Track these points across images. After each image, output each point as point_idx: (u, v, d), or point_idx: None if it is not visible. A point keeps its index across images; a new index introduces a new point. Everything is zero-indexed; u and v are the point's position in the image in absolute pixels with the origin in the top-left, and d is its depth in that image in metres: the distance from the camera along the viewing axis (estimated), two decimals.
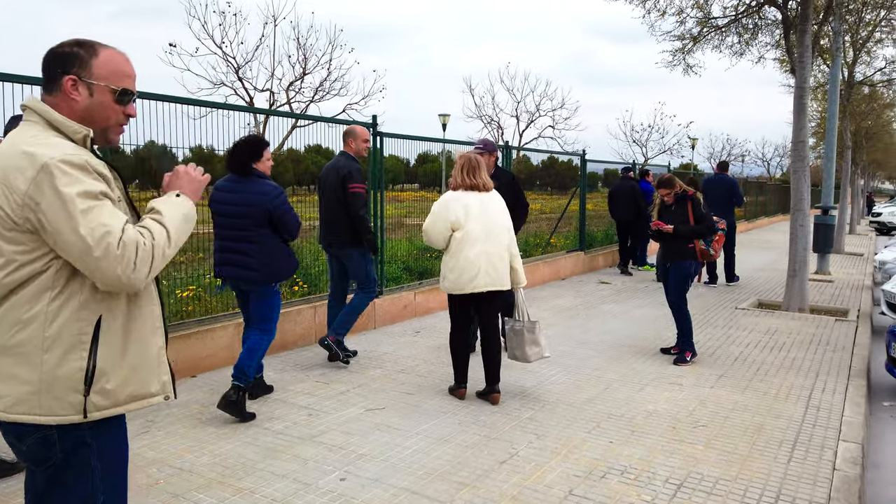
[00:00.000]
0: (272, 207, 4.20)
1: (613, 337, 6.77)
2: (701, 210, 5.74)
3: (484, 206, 4.51)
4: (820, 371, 5.62)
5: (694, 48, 9.74)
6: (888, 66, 15.70)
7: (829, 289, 10.39)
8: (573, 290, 9.72)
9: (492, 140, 6.28)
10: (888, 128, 26.80)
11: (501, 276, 4.52)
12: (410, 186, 32.97)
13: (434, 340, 6.44)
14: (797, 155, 8.33)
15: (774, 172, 52.74)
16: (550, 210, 14.45)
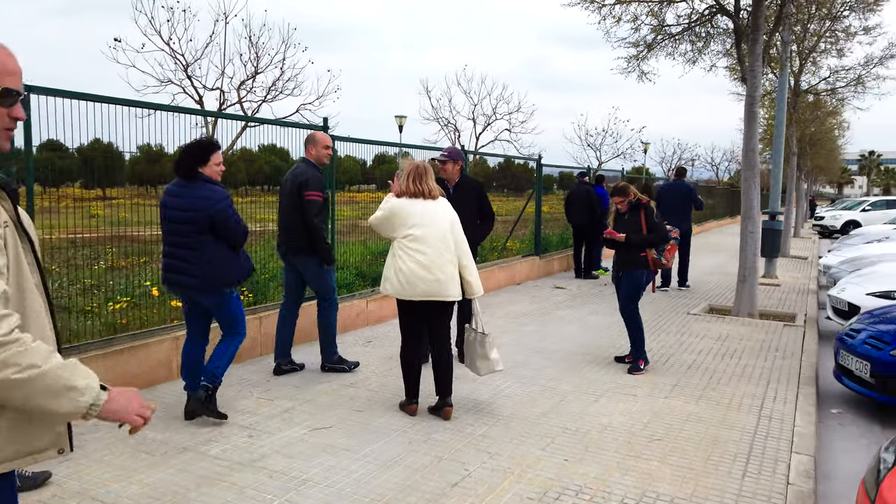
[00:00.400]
0: (214, 213, 4.05)
1: (568, 345, 6.69)
2: (654, 219, 5.70)
3: (427, 214, 4.36)
4: (771, 379, 5.64)
5: (648, 55, 9.79)
6: (832, 75, 16.21)
7: (776, 293, 10.60)
8: (528, 296, 9.65)
9: (458, 148, 6.15)
10: (830, 134, 27.80)
11: (444, 286, 4.32)
12: (367, 187, 32.56)
13: (386, 350, 6.25)
14: (748, 163, 8.44)
15: (723, 177, 54.21)
16: (507, 212, 14.40)
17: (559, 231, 14.21)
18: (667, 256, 5.79)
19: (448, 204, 4.52)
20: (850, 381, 5.34)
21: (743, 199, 8.55)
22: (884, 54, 15.20)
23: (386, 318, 7.50)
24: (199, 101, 18.59)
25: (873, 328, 5.37)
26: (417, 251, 4.29)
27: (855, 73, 15.77)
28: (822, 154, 30.69)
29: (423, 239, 4.31)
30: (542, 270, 11.89)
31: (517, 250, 12.04)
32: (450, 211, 4.47)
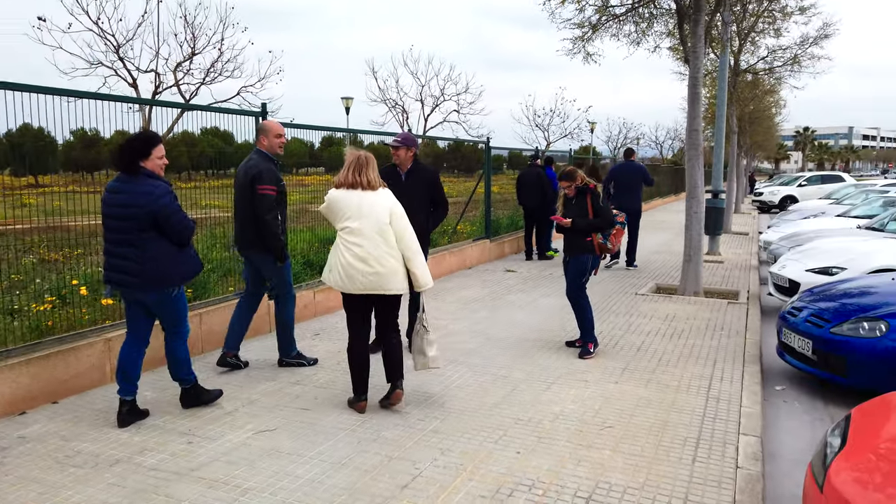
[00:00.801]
0: (156, 209, 3.89)
1: (520, 330, 6.66)
2: (599, 203, 5.67)
3: (365, 206, 4.20)
4: (717, 358, 5.73)
5: (593, 36, 9.77)
6: (770, 54, 16.62)
7: (720, 270, 10.85)
8: (480, 280, 9.59)
9: (412, 134, 5.98)
10: (768, 112, 28.65)
11: (385, 279, 4.21)
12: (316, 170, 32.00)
13: (335, 344, 6.08)
14: (691, 143, 8.53)
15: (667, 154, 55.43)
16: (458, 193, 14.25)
17: (509, 212, 14.20)
18: (612, 241, 5.78)
19: (390, 195, 4.35)
20: (792, 359, 5.47)
21: (687, 178, 8.66)
22: (818, 34, 15.67)
23: (334, 309, 7.31)
24: (132, 84, 17.75)
25: (814, 306, 5.50)
26: (354, 244, 4.18)
27: (791, 52, 16.21)
28: (760, 131, 31.65)
29: (359, 231, 4.18)
30: (494, 254, 11.85)
31: (468, 233, 11.96)
32: (390, 202, 4.30)
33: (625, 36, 9.74)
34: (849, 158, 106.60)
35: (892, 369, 4.70)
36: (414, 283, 4.37)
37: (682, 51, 9.63)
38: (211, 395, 4.48)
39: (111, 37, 16.85)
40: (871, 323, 4.87)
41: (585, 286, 5.81)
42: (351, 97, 29.73)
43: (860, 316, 4.99)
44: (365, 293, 4.25)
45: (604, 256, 5.92)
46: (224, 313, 5.85)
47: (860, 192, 17.09)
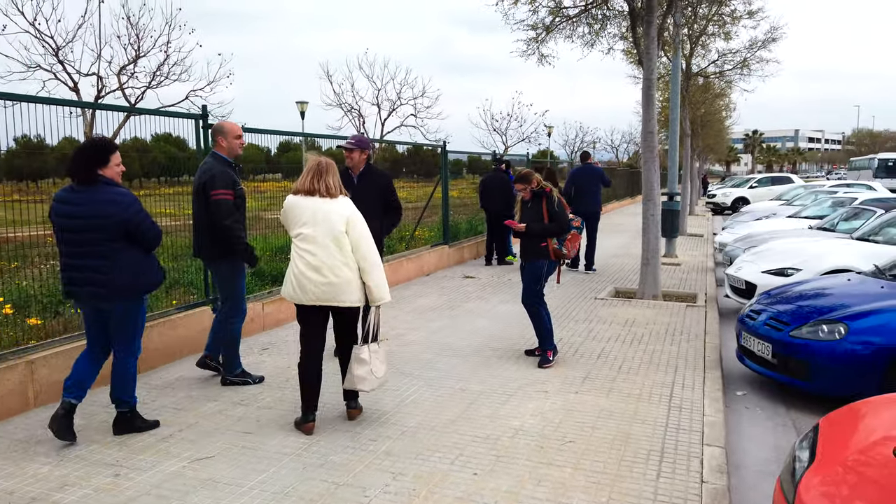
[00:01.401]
0: (127, 218, 3.80)
1: (479, 339, 6.46)
2: (555, 208, 5.50)
3: (320, 213, 4.00)
4: (678, 365, 5.63)
5: (547, 38, 9.67)
6: (720, 58, 16.89)
7: (677, 273, 10.87)
8: (438, 288, 9.37)
9: (365, 137, 5.81)
10: (719, 115, 29.28)
11: (338, 289, 4.01)
12: (273, 177, 31.46)
13: (284, 359, 5.77)
14: (647, 146, 8.49)
15: (622, 158, 56.27)
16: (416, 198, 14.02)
17: (468, 216, 14.03)
18: (568, 246, 5.62)
19: (349, 203, 4.14)
20: (752, 363, 5.40)
21: (644, 181, 8.61)
22: (766, 38, 15.98)
23: (284, 322, 6.98)
24: (73, 88, 16.98)
25: (772, 309, 5.44)
26: (307, 251, 4.01)
27: (741, 55, 16.50)
28: (711, 134, 32.35)
29: (312, 238, 4.00)
30: (452, 259, 11.65)
31: (426, 239, 11.74)
32: (348, 210, 4.08)
33: (578, 38, 9.68)
34: (795, 160, 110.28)
35: (854, 372, 4.65)
36: (368, 296, 4.13)
37: (635, 53, 9.61)
38: (147, 424, 4.17)
39: (49, 38, 16.10)
40: (830, 325, 4.82)
41: (542, 293, 5.65)
42: (306, 101, 29.20)
43: (819, 319, 4.94)
44: (317, 305, 4.05)
45: (562, 262, 5.76)
46: (166, 329, 5.49)
47: (809, 193, 17.49)
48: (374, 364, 4.21)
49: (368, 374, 4.17)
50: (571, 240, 5.65)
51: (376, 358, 4.24)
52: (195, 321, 5.77)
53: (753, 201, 26.27)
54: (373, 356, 4.20)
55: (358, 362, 4.15)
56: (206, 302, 6.03)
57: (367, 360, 4.15)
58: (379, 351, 4.27)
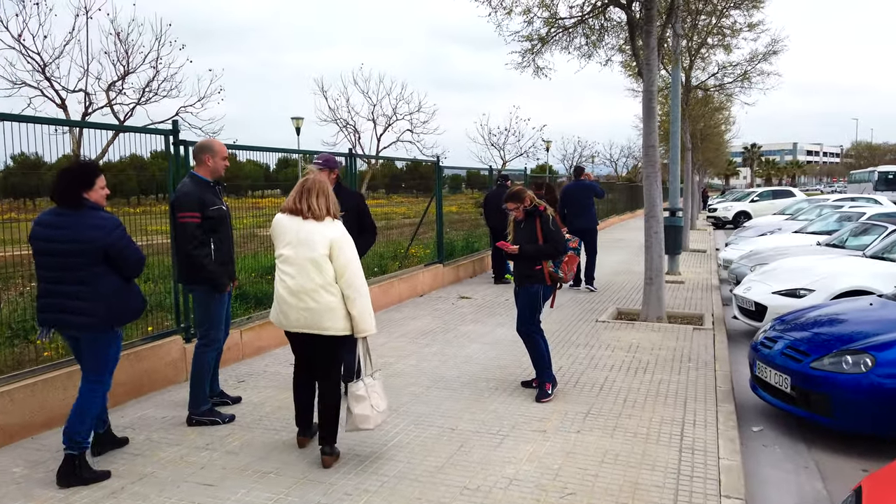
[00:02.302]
0: (109, 243, 3.66)
1: (473, 368, 6.02)
2: (550, 227, 5.08)
3: (303, 234, 3.79)
4: (688, 397, 5.19)
5: (542, 49, 9.33)
6: (720, 71, 16.58)
7: (681, 291, 10.45)
8: (431, 309, 8.94)
9: (332, 155, 5.48)
10: (718, 129, 29.02)
11: (318, 316, 3.77)
12: (272, 192, 31.05)
13: (260, 394, 5.33)
14: (648, 160, 8.11)
15: (622, 172, 56.02)
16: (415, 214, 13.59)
17: (465, 233, 13.63)
18: (565, 269, 5.18)
19: (336, 226, 3.85)
20: (768, 395, 4.97)
21: (645, 197, 8.22)
22: (767, 50, 15.69)
23: (265, 350, 6.55)
24: (61, 105, 16.64)
25: (789, 336, 5.02)
26: (286, 273, 3.83)
27: (741, 68, 16.20)
28: (711, 148, 32.10)
29: (292, 260, 3.80)
30: (447, 279, 11.23)
31: (422, 257, 11.33)
32: (334, 233, 3.80)
33: (575, 49, 9.33)
34: (794, 173, 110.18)
35: (881, 409, 4.22)
36: (353, 326, 3.82)
37: (634, 66, 9.27)
38: (94, 476, 3.75)
39: (36, 55, 15.79)
40: (854, 356, 4.39)
41: (538, 319, 5.22)
42: (301, 117, 28.94)
43: (842, 349, 4.51)
44: (300, 332, 3.86)
45: (559, 286, 5.33)
46: (130, 361, 5.06)
47: (814, 207, 17.11)
48: (373, 399, 3.88)
49: (369, 411, 3.85)
50: (568, 262, 5.22)
51: (374, 391, 3.91)
52: (163, 352, 5.35)
53: (755, 215, 25.91)
54: (370, 390, 3.88)
55: (355, 399, 3.82)
56: (178, 331, 5.60)
57: (364, 396, 3.84)
58: (376, 384, 3.95)
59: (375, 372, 4.02)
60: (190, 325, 5.65)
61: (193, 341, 5.54)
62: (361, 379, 3.86)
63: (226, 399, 4.96)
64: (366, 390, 3.85)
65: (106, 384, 3.86)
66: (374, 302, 8.66)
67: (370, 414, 3.84)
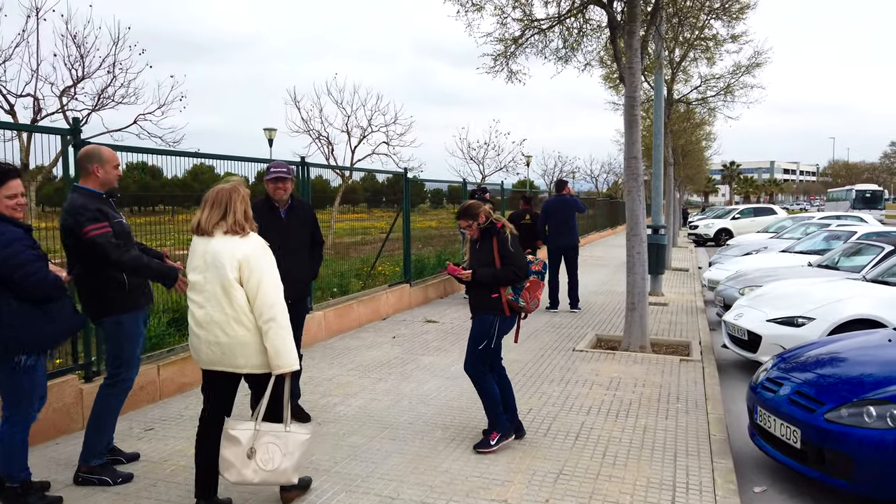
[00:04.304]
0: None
1: (428, 410, 5.18)
2: (508, 248, 4.29)
3: (209, 254, 3.23)
4: (678, 450, 4.40)
5: (517, 52, 8.61)
6: (703, 83, 16.05)
7: (665, 314, 9.72)
8: (392, 335, 8.09)
9: (286, 163, 4.84)
10: (699, 145, 28.66)
11: (230, 352, 3.22)
12: None
13: (170, 444, 4.44)
14: (630, 173, 7.38)
15: (602, 188, 55.67)
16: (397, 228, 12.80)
17: (438, 249, 12.83)
18: (526, 296, 4.35)
19: (247, 242, 3.25)
20: (772, 448, 4.18)
21: (628, 213, 7.48)
22: (750, 62, 15.19)
23: (188, 387, 5.63)
24: (9, 111, 15.66)
25: (795, 378, 4.25)
26: (195, 303, 3.30)
27: (724, 81, 15.69)
28: (692, 164, 31.78)
29: (200, 287, 3.27)
30: (415, 299, 10.40)
31: (389, 276, 10.50)
32: (243, 250, 3.21)
33: (552, 53, 8.63)
34: (772, 191, 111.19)
35: None
36: (270, 361, 3.21)
37: (614, 78, 8.64)
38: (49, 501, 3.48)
39: None
40: (879, 408, 3.63)
41: (487, 356, 4.41)
42: (274, 128, 28.04)
43: (863, 397, 3.75)
44: (214, 370, 3.30)
45: (524, 316, 4.53)
46: None
47: (799, 225, 16.58)
48: (262, 452, 3.21)
49: (238, 460, 3.17)
50: (531, 288, 4.38)
51: (275, 444, 3.24)
52: (52, 396, 4.42)
53: (737, 233, 25.48)
54: (265, 442, 3.21)
55: (226, 439, 3.20)
56: (75, 368, 4.70)
57: (239, 441, 3.18)
58: (285, 437, 3.27)
59: (299, 425, 3.38)
60: (91, 362, 4.77)
61: (96, 381, 4.69)
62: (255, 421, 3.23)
63: (118, 457, 4.07)
64: (247, 436, 3.19)
65: (26, 415, 3.45)
66: (329, 327, 7.89)
67: (239, 466, 3.17)
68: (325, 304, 8.09)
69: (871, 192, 46.76)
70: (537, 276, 4.40)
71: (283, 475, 3.27)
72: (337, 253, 11.55)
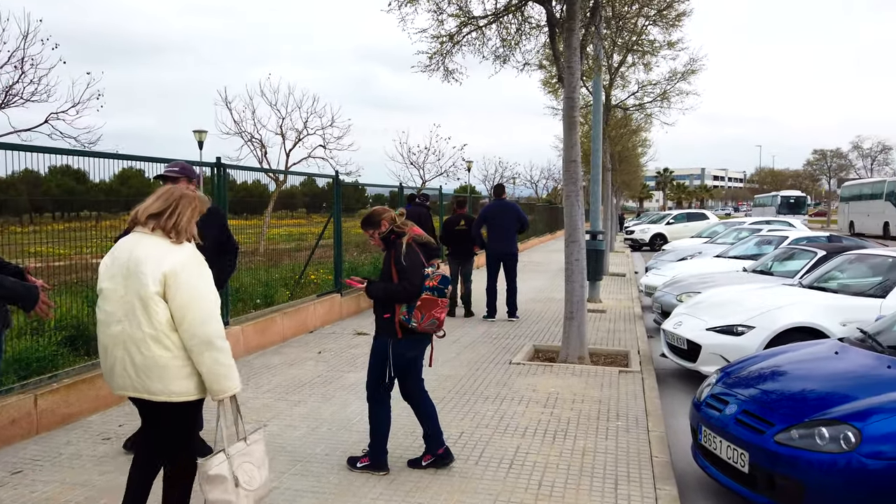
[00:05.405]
0: None
1: (350, 437, 4.68)
2: (401, 261, 3.85)
3: (132, 262, 2.80)
4: (619, 475, 4.06)
5: (453, 50, 8.23)
6: (640, 89, 16.13)
7: (603, 322, 9.50)
8: (318, 350, 7.53)
9: (189, 164, 4.42)
10: (635, 151, 29.14)
11: (143, 376, 2.80)
12: None
13: (37, 493, 3.77)
14: (569, 176, 7.08)
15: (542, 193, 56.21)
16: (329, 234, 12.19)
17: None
18: (417, 316, 3.82)
19: (178, 253, 2.83)
20: (718, 473, 3.88)
21: (566, 219, 7.18)
22: (686, 69, 15.34)
23: (76, 417, 4.94)
24: None
25: (741, 395, 3.98)
26: (101, 320, 2.88)
27: (661, 87, 15.80)
28: (629, 170, 32.36)
29: (109, 296, 2.85)
30: (346, 310, 9.84)
31: (322, 284, 9.91)
32: (171, 261, 2.79)
33: (490, 52, 8.29)
34: (703, 197, 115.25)
35: (871, 500, 3.19)
36: (207, 387, 2.85)
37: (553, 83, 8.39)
38: None
39: None
40: (832, 429, 3.36)
41: (384, 384, 4.03)
42: (205, 130, 26.86)
43: (814, 417, 3.48)
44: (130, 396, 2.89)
45: (441, 334, 4.09)
46: None
47: (731, 230, 16.86)
48: (241, 474, 2.88)
49: (231, 495, 2.84)
50: (424, 306, 3.83)
51: (245, 462, 2.93)
52: None
53: (671, 237, 25.93)
54: (236, 464, 2.88)
55: (208, 482, 2.82)
56: None
57: (223, 476, 2.84)
58: (252, 449, 2.99)
59: (251, 433, 3.04)
60: None
61: None
62: (220, 453, 2.86)
63: None
64: (226, 467, 2.85)
65: None
66: (247, 343, 7.22)
67: (233, 499, 2.85)
68: (245, 318, 7.46)
69: (795, 197, 48.95)
70: (432, 292, 3.85)
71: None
72: (270, 260, 10.90)
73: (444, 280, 3.90)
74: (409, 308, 3.82)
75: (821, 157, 63.36)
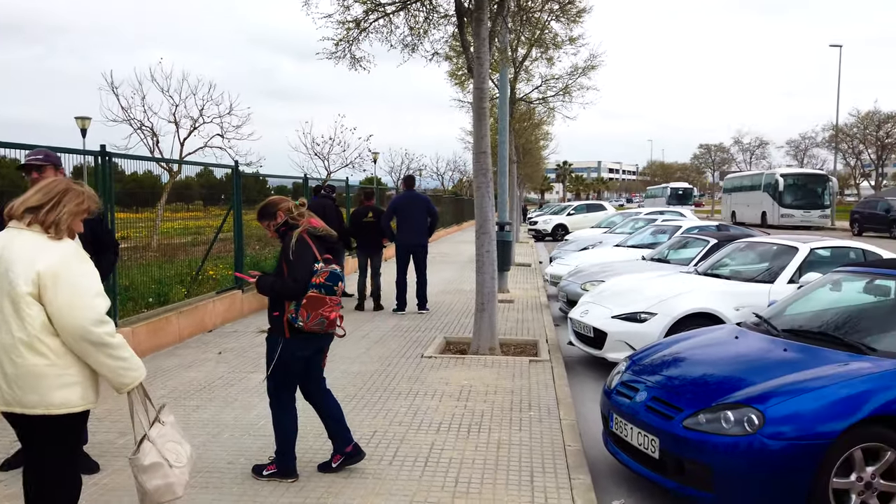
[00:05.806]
0: None
1: (255, 443, 4.41)
2: (288, 255, 3.66)
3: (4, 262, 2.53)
4: (534, 467, 4.04)
5: (360, 37, 7.98)
6: (543, 83, 16.46)
7: (512, 312, 9.61)
8: (218, 350, 7.10)
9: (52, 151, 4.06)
10: (538, 144, 29.87)
11: (16, 387, 2.53)
12: None
13: None
14: (479, 167, 7.04)
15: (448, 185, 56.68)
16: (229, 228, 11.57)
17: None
18: (303, 315, 3.59)
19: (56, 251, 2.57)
20: (629, 459, 3.95)
21: (476, 210, 7.15)
22: (586, 64, 15.80)
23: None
24: None
25: (650, 381, 4.06)
26: None
27: (563, 81, 16.20)
28: (532, 163, 33.12)
29: None
30: (249, 306, 9.38)
31: (221, 280, 9.39)
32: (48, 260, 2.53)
33: (398, 41, 8.11)
34: (600, 189, 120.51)
35: (775, 481, 3.33)
36: (110, 383, 2.66)
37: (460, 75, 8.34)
38: None
39: None
40: (736, 412, 3.48)
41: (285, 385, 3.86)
42: (88, 117, 24.90)
43: (720, 401, 3.59)
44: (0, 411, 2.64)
45: (342, 334, 3.90)
46: None
47: (628, 220, 17.58)
48: (168, 455, 2.78)
49: (172, 476, 2.76)
50: (310, 304, 3.58)
51: (168, 442, 2.82)
52: None
53: (572, 228, 26.78)
54: (162, 447, 2.78)
55: (145, 472, 2.72)
56: None
57: (158, 462, 2.75)
58: (167, 428, 2.86)
59: (160, 412, 2.89)
60: None
61: None
62: (144, 442, 2.76)
63: None
64: (157, 453, 2.76)
65: None
66: (139, 346, 6.62)
67: (173, 480, 2.78)
68: (136, 319, 6.91)
69: (683, 189, 52.07)
70: (318, 289, 3.60)
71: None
72: (164, 255, 10.20)
73: (333, 277, 3.66)
74: (296, 306, 3.60)
75: (706, 151, 67.80)
